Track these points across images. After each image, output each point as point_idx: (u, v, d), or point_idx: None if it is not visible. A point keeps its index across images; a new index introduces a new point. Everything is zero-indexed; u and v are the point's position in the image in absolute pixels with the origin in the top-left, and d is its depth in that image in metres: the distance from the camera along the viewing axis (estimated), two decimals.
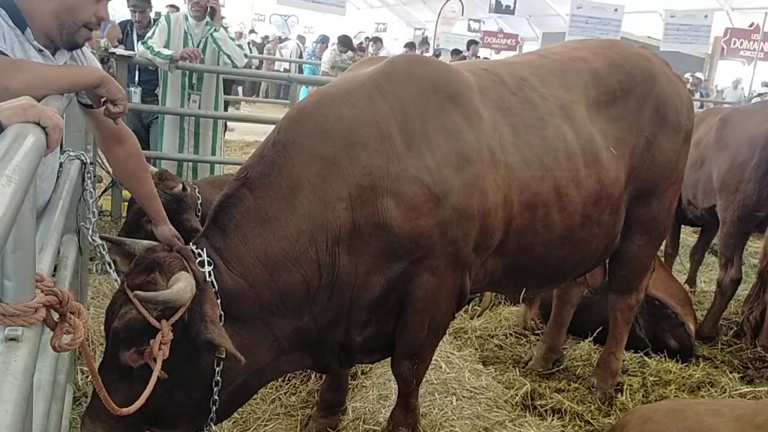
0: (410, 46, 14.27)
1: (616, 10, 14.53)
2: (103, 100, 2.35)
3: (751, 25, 19.94)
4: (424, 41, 18.55)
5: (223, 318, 2.21)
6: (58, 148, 2.73)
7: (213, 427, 2.35)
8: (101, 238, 2.66)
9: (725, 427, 2.21)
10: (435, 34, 22.24)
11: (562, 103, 2.92)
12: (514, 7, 20.28)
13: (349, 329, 2.58)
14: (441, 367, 3.68)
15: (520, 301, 4.12)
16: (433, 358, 3.74)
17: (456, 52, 14.99)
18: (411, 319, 2.62)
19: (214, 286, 2.21)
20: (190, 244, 2.33)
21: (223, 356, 2.09)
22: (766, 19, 16.41)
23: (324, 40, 15.40)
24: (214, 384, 2.23)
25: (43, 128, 1.40)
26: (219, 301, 2.21)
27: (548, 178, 2.77)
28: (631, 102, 3.13)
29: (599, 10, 14.31)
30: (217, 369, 2.21)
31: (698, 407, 2.46)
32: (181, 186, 3.94)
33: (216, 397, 2.26)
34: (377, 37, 14.38)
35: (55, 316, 1.36)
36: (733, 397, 3.58)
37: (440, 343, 3.99)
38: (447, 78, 2.68)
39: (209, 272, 2.21)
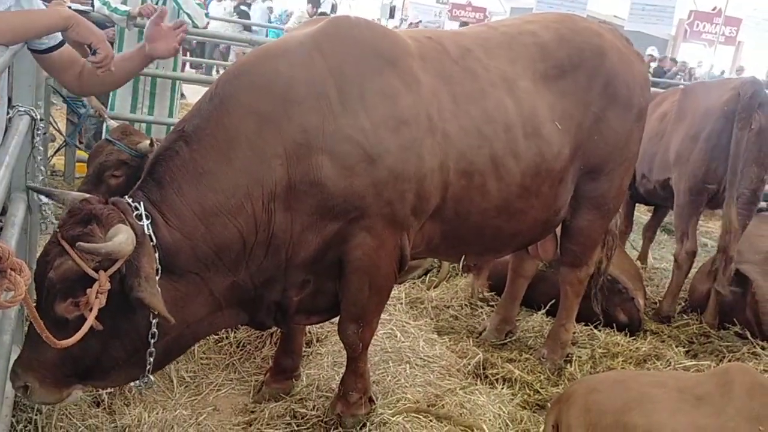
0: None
1: None
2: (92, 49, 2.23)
3: (714, 9, 20.30)
4: (392, 11, 18.36)
5: (159, 272, 2.22)
6: (5, 102, 2.64)
7: (151, 378, 2.38)
8: (30, 188, 2.60)
9: (667, 397, 2.29)
10: (403, 4, 22.05)
11: (505, 76, 2.93)
12: None
13: (286, 288, 2.61)
14: (396, 336, 3.71)
15: (461, 267, 4.15)
16: (389, 326, 3.80)
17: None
18: (350, 279, 2.65)
19: (152, 240, 2.22)
20: (126, 197, 2.31)
21: (155, 313, 2.11)
22: (728, 2, 16.69)
23: None
24: (150, 336, 2.25)
25: None
26: (156, 255, 2.22)
27: (485, 147, 2.79)
28: (579, 77, 3.14)
29: None
30: (153, 321, 2.22)
31: (642, 378, 2.53)
32: (147, 142, 3.84)
33: (152, 349, 2.28)
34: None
35: None
36: (677, 370, 3.70)
37: (396, 313, 4.06)
38: (387, 42, 2.69)
39: (147, 226, 2.21)
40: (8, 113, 2.70)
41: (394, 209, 2.59)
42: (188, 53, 12.38)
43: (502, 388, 3.40)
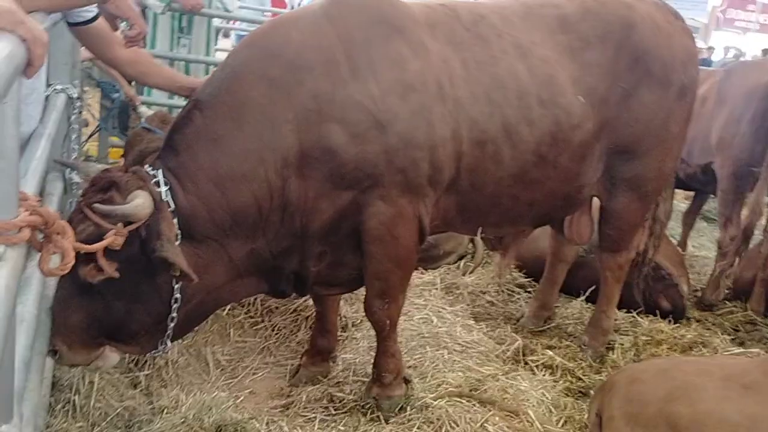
0: None
1: None
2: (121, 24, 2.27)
3: None
4: None
5: (179, 237, 2.27)
6: (44, 77, 2.61)
7: (169, 344, 2.45)
8: (56, 161, 2.66)
9: (713, 386, 2.21)
10: None
11: (519, 43, 2.86)
12: None
13: (303, 259, 2.62)
14: (432, 321, 3.64)
15: (478, 235, 4.06)
16: (425, 311, 3.73)
17: None
18: (369, 250, 2.65)
19: (170, 206, 2.26)
20: (146, 165, 2.36)
21: (177, 275, 2.17)
22: None
23: None
24: (173, 301, 2.30)
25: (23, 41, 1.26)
26: (175, 220, 2.26)
27: (497, 114, 2.74)
28: (606, 50, 3.02)
29: None
30: (176, 287, 2.28)
31: (687, 366, 2.43)
32: None
33: (174, 315, 2.33)
34: None
35: (40, 237, 1.27)
36: (724, 356, 3.58)
37: (432, 298, 3.99)
38: (394, 10, 2.70)
39: (166, 192, 2.26)
40: (45, 90, 2.68)
41: (408, 177, 2.58)
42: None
43: (544, 375, 3.31)
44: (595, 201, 3.41)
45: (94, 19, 2.44)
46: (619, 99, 3.07)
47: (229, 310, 3.49)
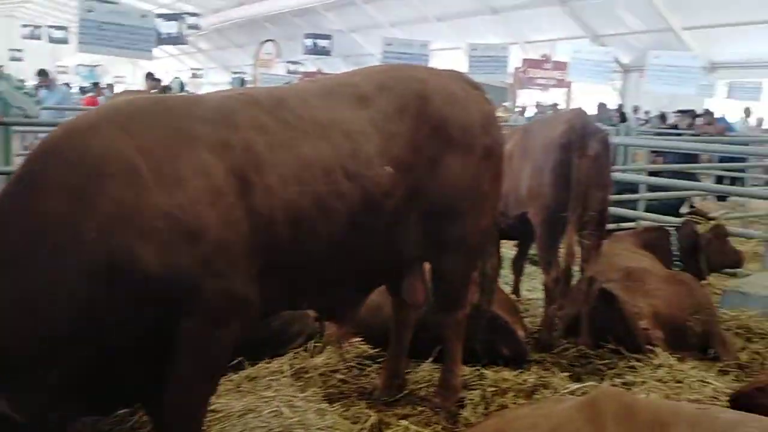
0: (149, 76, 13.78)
1: (423, 45, 15.52)
2: None
3: (543, 56, 22.24)
4: (242, 83, 18.41)
5: None
6: None
7: None
8: None
9: None
10: (255, 77, 22.27)
11: (320, 122, 2.95)
12: (331, 49, 20.98)
13: (122, 376, 2.45)
14: (282, 413, 3.49)
15: (304, 308, 4.00)
16: (274, 404, 3.58)
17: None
18: (182, 364, 2.49)
19: None
20: None
21: None
22: (554, 49, 18.27)
23: None
24: None
25: None
26: None
27: (308, 192, 2.79)
28: (405, 122, 3.19)
29: (408, 46, 15.18)
30: None
31: (517, 423, 2.49)
32: None
33: None
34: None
35: None
36: (563, 397, 3.75)
37: (281, 387, 3.85)
38: (187, 117, 2.65)
39: None
40: None
41: (228, 281, 2.51)
42: None
43: None
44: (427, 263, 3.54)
45: None
46: (425, 166, 3.23)
47: None
